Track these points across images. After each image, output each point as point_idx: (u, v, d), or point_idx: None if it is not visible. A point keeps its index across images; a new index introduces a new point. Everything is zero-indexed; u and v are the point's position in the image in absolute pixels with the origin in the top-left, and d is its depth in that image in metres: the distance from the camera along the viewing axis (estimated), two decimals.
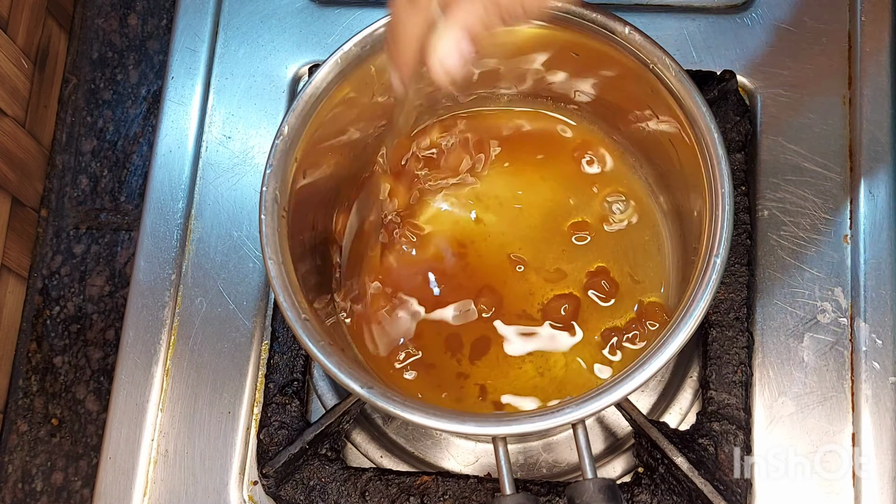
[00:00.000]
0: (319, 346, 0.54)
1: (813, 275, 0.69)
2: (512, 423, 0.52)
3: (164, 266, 0.73)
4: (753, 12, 0.75)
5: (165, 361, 0.71)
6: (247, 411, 0.70)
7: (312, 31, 0.78)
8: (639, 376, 0.52)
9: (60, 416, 0.77)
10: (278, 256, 0.56)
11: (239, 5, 0.79)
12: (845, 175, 0.71)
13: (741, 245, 0.68)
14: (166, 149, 0.76)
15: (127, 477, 0.69)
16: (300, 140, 0.59)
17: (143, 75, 0.85)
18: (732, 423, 0.64)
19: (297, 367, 0.69)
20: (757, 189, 0.71)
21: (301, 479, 0.66)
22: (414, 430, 0.71)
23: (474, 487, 0.65)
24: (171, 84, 0.78)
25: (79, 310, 0.80)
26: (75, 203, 0.83)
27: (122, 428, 0.70)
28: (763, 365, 0.67)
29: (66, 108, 0.86)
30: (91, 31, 0.87)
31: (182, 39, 0.79)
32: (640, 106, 0.63)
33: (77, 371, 0.78)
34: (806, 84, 0.73)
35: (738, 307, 0.67)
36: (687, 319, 0.53)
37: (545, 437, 0.70)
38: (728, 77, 0.70)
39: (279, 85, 0.77)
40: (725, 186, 0.55)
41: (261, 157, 0.75)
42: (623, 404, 0.65)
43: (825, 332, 0.68)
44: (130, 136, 0.84)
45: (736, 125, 0.70)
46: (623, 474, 0.68)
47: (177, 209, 0.74)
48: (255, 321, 0.71)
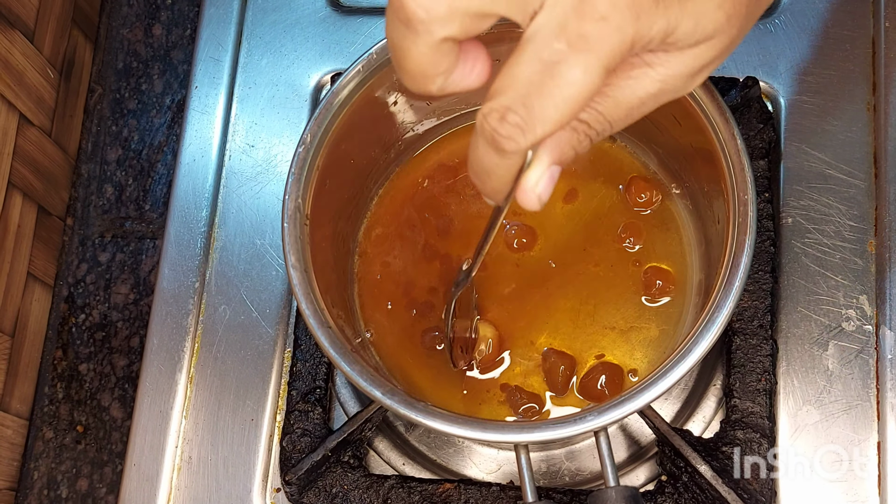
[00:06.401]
0: (342, 353, 0.54)
1: (837, 282, 0.68)
2: (534, 431, 0.52)
3: (188, 274, 0.73)
4: (777, 18, 0.75)
5: (189, 369, 0.72)
6: (270, 418, 0.70)
7: (335, 40, 0.78)
8: (662, 384, 0.51)
9: (86, 423, 0.78)
10: (301, 264, 0.56)
11: (262, 15, 0.80)
12: (870, 182, 0.70)
13: (765, 252, 0.68)
14: (190, 158, 0.76)
15: (151, 484, 0.69)
16: (323, 148, 0.59)
17: (167, 85, 0.86)
18: (756, 432, 0.64)
19: (320, 375, 0.69)
20: (781, 196, 0.70)
21: (323, 486, 0.66)
22: (436, 438, 0.71)
23: (496, 495, 0.65)
24: (194, 93, 0.78)
25: (104, 317, 0.80)
26: (100, 212, 0.83)
27: (146, 435, 0.70)
28: (787, 373, 0.67)
29: (91, 117, 0.86)
30: (116, 41, 0.88)
31: (206, 49, 0.79)
32: (662, 114, 0.63)
33: (102, 378, 0.79)
34: (830, 90, 0.72)
35: (762, 315, 0.66)
36: (710, 327, 0.52)
37: (568, 445, 0.69)
38: (751, 84, 0.70)
39: (302, 94, 0.77)
40: (749, 193, 0.54)
41: (284, 166, 0.75)
42: (646, 412, 0.65)
43: (850, 339, 0.67)
44: (155, 145, 0.84)
45: (759, 132, 0.70)
46: (646, 482, 0.68)
47: (200, 218, 0.75)
48: (277, 329, 0.72)
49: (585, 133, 0.42)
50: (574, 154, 0.42)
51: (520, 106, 0.38)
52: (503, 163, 0.41)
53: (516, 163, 0.42)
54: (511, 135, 0.39)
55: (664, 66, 0.40)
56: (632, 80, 0.41)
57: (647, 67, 0.40)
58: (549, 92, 0.37)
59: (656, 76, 0.41)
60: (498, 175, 0.42)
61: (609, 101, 0.41)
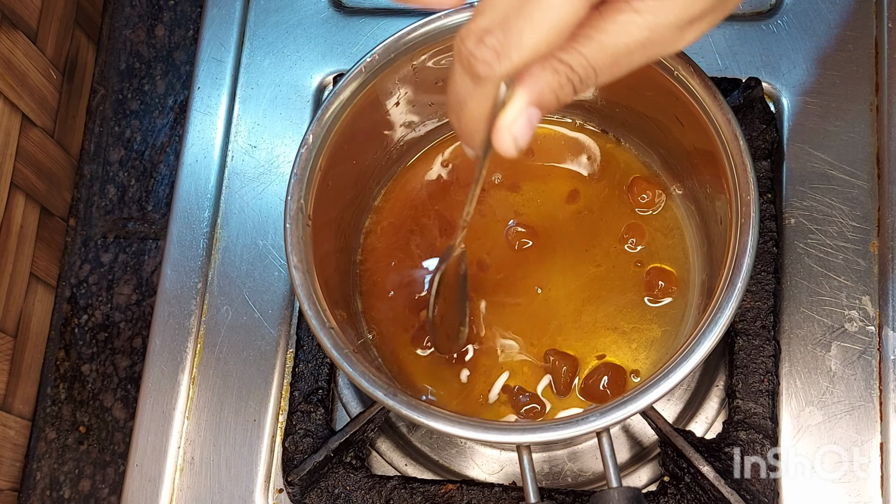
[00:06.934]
0: (344, 354, 0.54)
1: (840, 283, 0.68)
2: (536, 432, 0.52)
3: (191, 275, 0.74)
4: (779, 19, 0.74)
5: (192, 369, 0.72)
6: (272, 419, 0.70)
7: (337, 41, 0.78)
8: (664, 385, 0.51)
9: (88, 423, 0.78)
10: (303, 265, 0.56)
11: (264, 16, 0.80)
12: (872, 182, 0.70)
13: (767, 253, 0.68)
14: (193, 158, 0.77)
15: (153, 484, 0.69)
16: (325, 149, 0.59)
17: (169, 86, 0.86)
18: (759, 433, 0.64)
19: (322, 376, 0.69)
20: (783, 197, 0.70)
21: (326, 487, 0.66)
22: (438, 439, 0.71)
23: (499, 496, 0.65)
24: (197, 94, 0.78)
25: (106, 318, 0.80)
26: (103, 212, 0.83)
27: (148, 435, 0.70)
28: (790, 374, 0.67)
29: (94, 118, 0.86)
30: (119, 42, 0.88)
31: (208, 50, 0.79)
32: (665, 114, 0.63)
33: (104, 379, 0.79)
34: (832, 91, 0.72)
35: (765, 315, 0.66)
36: (713, 328, 0.52)
37: (570, 446, 0.69)
38: (754, 84, 0.70)
39: (304, 94, 0.77)
40: (752, 194, 0.54)
41: (286, 166, 0.75)
42: (649, 413, 0.65)
43: (853, 340, 0.67)
44: (157, 145, 0.84)
45: (762, 133, 0.70)
46: (649, 483, 0.68)
47: (203, 218, 0.75)
48: (280, 330, 0.72)
49: (567, 76, 0.40)
50: (555, 99, 0.41)
51: (497, 28, 0.37)
52: (478, 92, 0.40)
53: (490, 93, 0.41)
54: (486, 58, 0.38)
55: (652, 12, 0.39)
56: (618, 24, 0.40)
57: (635, 13, 0.39)
58: (527, 13, 0.37)
59: (643, 23, 0.40)
60: (472, 107, 0.41)
61: (594, 45, 0.40)
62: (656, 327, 0.66)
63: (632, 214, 0.68)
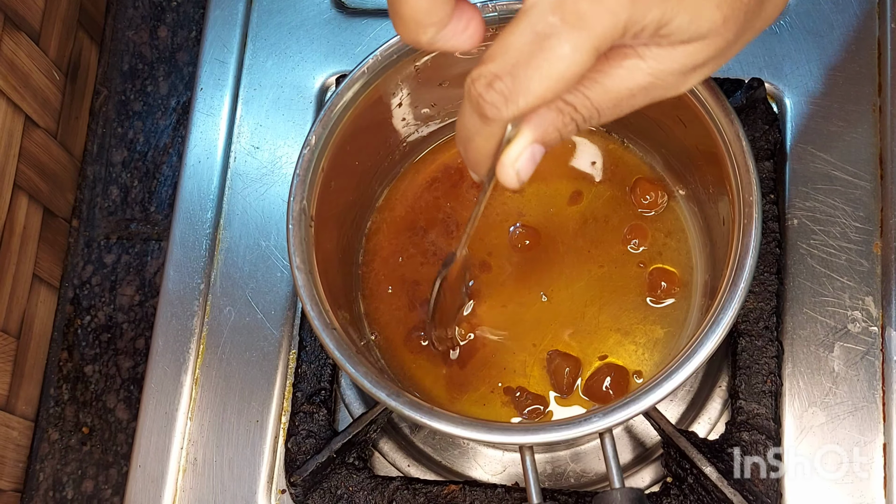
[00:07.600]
0: (346, 355, 0.54)
1: (843, 283, 0.68)
2: (539, 432, 0.52)
3: (193, 276, 0.74)
4: (782, 20, 0.74)
5: (194, 370, 0.72)
6: (275, 420, 0.70)
7: (340, 42, 0.79)
8: (667, 385, 0.51)
9: (91, 424, 0.78)
10: (306, 266, 0.57)
11: (267, 17, 0.80)
12: (875, 183, 0.70)
13: (770, 254, 0.68)
14: (195, 159, 0.77)
15: (156, 485, 0.69)
16: (327, 150, 0.59)
17: (172, 87, 0.86)
18: (762, 433, 0.64)
19: (325, 377, 0.69)
20: (786, 198, 0.70)
21: (328, 487, 0.66)
22: (441, 440, 0.71)
23: (501, 497, 0.65)
24: (200, 95, 0.78)
25: (109, 319, 0.80)
26: (106, 213, 0.83)
27: (151, 436, 0.70)
28: (793, 375, 0.67)
29: (96, 119, 0.87)
30: (122, 43, 0.88)
31: (211, 51, 0.79)
32: (668, 115, 0.63)
33: (107, 380, 0.79)
34: (835, 92, 0.72)
35: (768, 316, 0.66)
36: (715, 328, 0.52)
37: (573, 447, 0.69)
38: (756, 85, 0.70)
39: (307, 95, 0.77)
40: (754, 195, 0.54)
41: (289, 167, 0.75)
42: (651, 414, 0.65)
43: (855, 341, 0.67)
44: (160, 146, 0.84)
45: (764, 133, 0.70)
46: (651, 484, 0.68)
47: (206, 219, 0.75)
48: (282, 330, 0.72)
49: (571, 116, 0.42)
50: (558, 137, 0.43)
51: (507, 74, 0.38)
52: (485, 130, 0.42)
53: (497, 132, 0.42)
54: (494, 102, 0.39)
55: (656, 59, 0.40)
56: (623, 69, 0.41)
57: (639, 59, 0.40)
58: (536, 64, 0.38)
59: (647, 69, 0.41)
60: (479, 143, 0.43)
61: (598, 88, 0.41)
62: (659, 328, 0.66)
63: (635, 215, 0.68)
